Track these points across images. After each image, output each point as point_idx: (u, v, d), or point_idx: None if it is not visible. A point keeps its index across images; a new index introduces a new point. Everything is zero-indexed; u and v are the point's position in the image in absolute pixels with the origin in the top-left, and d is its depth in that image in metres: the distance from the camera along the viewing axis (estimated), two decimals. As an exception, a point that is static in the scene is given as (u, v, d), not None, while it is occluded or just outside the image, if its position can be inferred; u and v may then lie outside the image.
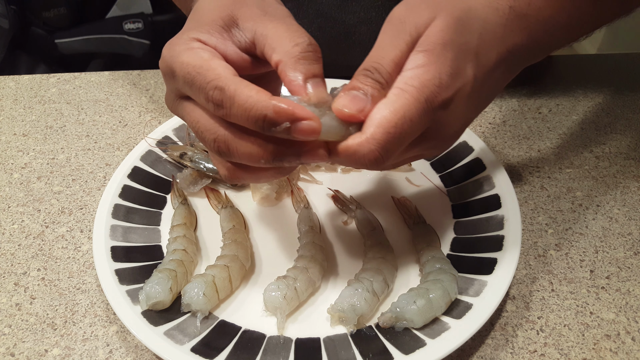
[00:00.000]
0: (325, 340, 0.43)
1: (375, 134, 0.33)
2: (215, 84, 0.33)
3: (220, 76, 0.33)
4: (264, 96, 0.32)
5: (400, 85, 0.34)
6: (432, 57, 0.34)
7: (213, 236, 0.52)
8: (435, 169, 0.58)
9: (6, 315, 0.47)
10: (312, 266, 0.46)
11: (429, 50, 0.34)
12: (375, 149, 0.33)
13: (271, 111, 0.32)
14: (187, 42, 0.36)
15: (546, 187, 0.58)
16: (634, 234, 0.53)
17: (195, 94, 0.35)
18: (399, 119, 0.33)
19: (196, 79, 0.34)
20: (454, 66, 0.34)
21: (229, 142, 0.35)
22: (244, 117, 0.33)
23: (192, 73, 0.34)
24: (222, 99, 0.33)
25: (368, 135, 0.33)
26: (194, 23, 0.38)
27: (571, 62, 0.78)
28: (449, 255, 0.49)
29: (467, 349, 0.44)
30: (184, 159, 0.57)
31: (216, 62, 0.34)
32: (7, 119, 0.69)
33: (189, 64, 0.34)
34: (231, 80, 0.33)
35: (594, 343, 0.44)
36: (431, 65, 0.34)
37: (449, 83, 0.34)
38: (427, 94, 0.33)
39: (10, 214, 0.57)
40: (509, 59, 0.38)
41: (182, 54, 0.35)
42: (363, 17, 0.65)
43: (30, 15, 1.21)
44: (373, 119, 0.33)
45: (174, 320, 0.43)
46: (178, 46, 0.36)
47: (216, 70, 0.34)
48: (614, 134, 0.65)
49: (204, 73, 0.34)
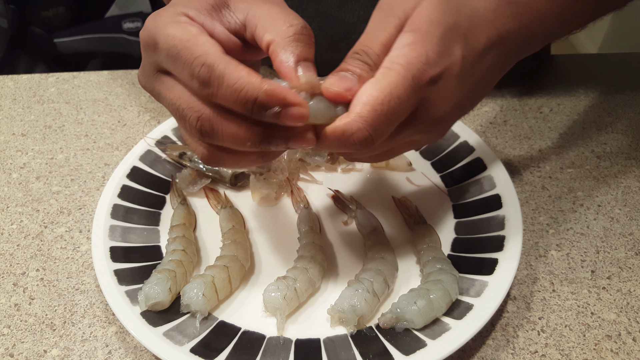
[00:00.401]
0: (325, 341, 0.43)
1: (363, 111, 0.32)
2: (202, 60, 0.32)
3: (209, 52, 0.32)
4: (255, 78, 0.31)
5: (386, 64, 0.34)
6: (418, 36, 0.34)
7: (212, 236, 0.52)
8: (435, 168, 0.58)
9: (5, 316, 0.47)
10: (312, 266, 0.46)
11: (416, 29, 0.34)
12: (363, 127, 0.32)
13: (263, 94, 0.31)
14: (174, 15, 0.34)
15: (547, 187, 0.58)
16: (635, 234, 0.53)
17: (178, 70, 0.33)
18: (385, 96, 0.32)
19: (182, 53, 0.32)
20: (441, 44, 0.34)
21: (214, 122, 0.33)
22: (233, 98, 0.31)
23: (178, 46, 0.32)
24: (209, 76, 0.31)
25: (355, 113, 0.33)
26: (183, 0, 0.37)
27: (572, 61, 0.78)
28: (450, 255, 0.49)
29: (467, 349, 0.44)
30: (183, 158, 0.57)
31: (205, 38, 0.33)
32: (5, 118, 0.69)
33: (175, 37, 0.33)
34: (221, 58, 0.32)
35: (595, 343, 0.44)
36: (418, 44, 0.33)
37: (436, 60, 0.34)
38: (413, 71, 0.33)
39: (9, 214, 0.56)
40: (501, 45, 0.38)
41: (168, 26, 0.33)
42: (363, 15, 0.65)
43: (29, 15, 1.20)
44: (360, 98, 0.33)
45: (173, 321, 0.43)
46: (164, 18, 0.34)
47: (204, 45, 0.32)
48: (615, 134, 0.64)
49: (191, 47, 0.32)
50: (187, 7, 0.35)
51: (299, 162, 0.58)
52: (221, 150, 0.35)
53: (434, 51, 0.34)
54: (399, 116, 0.34)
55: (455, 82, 0.36)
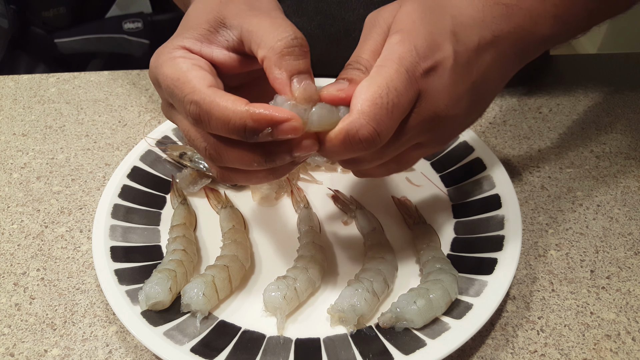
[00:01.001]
0: (325, 341, 0.43)
1: (363, 107, 0.33)
2: (190, 99, 0.33)
3: (195, 89, 0.33)
4: (240, 105, 0.32)
5: (378, 63, 0.34)
6: (405, 34, 0.35)
7: (213, 236, 0.52)
8: (435, 168, 0.58)
9: (5, 316, 0.47)
10: (312, 266, 0.46)
11: (399, 30, 0.35)
12: (366, 122, 0.33)
13: (250, 120, 0.32)
14: (171, 51, 0.36)
15: (546, 187, 0.58)
16: (634, 234, 0.53)
17: (176, 106, 0.35)
18: (383, 90, 0.33)
19: (175, 92, 0.34)
20: (429, 39, 0.35)
21: (219, 150, 0.35)
22: (225, 129, 0.33)
23: (171, 86, 0.34)
24: (199, 113, 0.33)
25: (356, 111, 0.33)
26: (182, 29, 0.38)
27: (572, 61, 0.78)
28: (449, 255, 0.49)
29: (467, 349, 0.44)
30: (184, 158, 0.57)
31: (192, 74, 0.34)
32: (6, 118, 0.69)
33: (168, 76, 0.34)
34: (205, 93, 0.33)
35: (594, 343, 0.44)
36: (405, 40, 0.34)
37: (426, 53, 0.34)
38: (406, 64, 0.34)
39: (10, 214, 0.56)
40: (497, 46, 0.38)
41: (164, 65, 0.35)
42: (363, 14, 0.65)
43: (30, 15, 1.21)
44: (358, 96, 0.33)
45: (174, 321, 0.43)
46: (163, 55, 0.36)
47: (191, 82, 0.33)
48: (614, 134, 0.65)
49: (180, 86, 0.34)
50: (185, 38, 0.36)
51: (299, 162, 0.58)
52: (233, 171, 0.37)
53: (422, 45, 0.34)
54: (400, 109, 0.34)
55: (450, 75, 0.36)
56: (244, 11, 0.36)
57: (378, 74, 0.34)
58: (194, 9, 0.39)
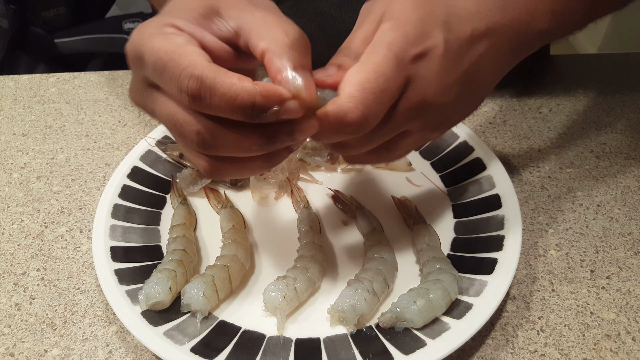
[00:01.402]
0: (325, 341, 0.43)
1: (352, 91, 0.33)
2: (190, 72, 0.30)
3: (196, 63, 0.30)
4: (247, 83, 0.30)
5: (368, 49, 0.35)
6: (396, 21, 0.35)
7: (213, 236, 0.52)
8: (435, 168, 0.58)
9: (6, 316, 0.47)
10: (312, 266, 0.46)
11: (391, 17, 0.35)
12: (354, 105, 0.33)
13: (259, 97, 0.30)
14: (161, 26, 0.33)
15: (546, 187, 0.58)
16: (634, 234, 0.53)
17: (166, 84, 0.32)
18: (371, 74, 0.33)
19: (168, 65, 0.31)
20: (419, 27, 0.35)
21: (215, 134, 0.32)
22: (229, 106, 0.30)
23: (164, 59, 0.31)
24: (199, 88, 0.30)
25: (345, 94, 0.33)
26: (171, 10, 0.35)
27: (572, 61, 0.78)
28: (449, 255, 0.49)
29: (467, 349, 0.44)
30: (184, 158, 0.57)
31: (191, 48, 0.31)
32: (6, 118, 0.69)
33: (160, 49, 0.31)
34: (209, 68, 0.30)
35: (594, 343, 0.44)
36: (396, 27, 0.35)
37: (416, 40, 0.35)
38: (395, 49, 0.34)
39: (10, 214, 0.56)
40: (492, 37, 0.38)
41: (153, 38, 0.32)
42: (363, 14, 0.65)
43: (30, 15, 1.20)
44: (347, 80, 0.33)
45: (174, 321, 0.43)
46: (150, 29, 0.33)
47: (190, 56, 0.31)
48: (614, 134, 0.65)
49: (177, 59, 0.30)
50: (175, 17, 0.34)
51: (299, 162, 0.58)
52: (224, 161, 0.34)
53: (412, 33, 0.35)
54: (388, 94, 0.34)
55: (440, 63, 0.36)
56: (245, 4, 0.35)
57: (367, 59, 0.34)
58: None
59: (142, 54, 0.32)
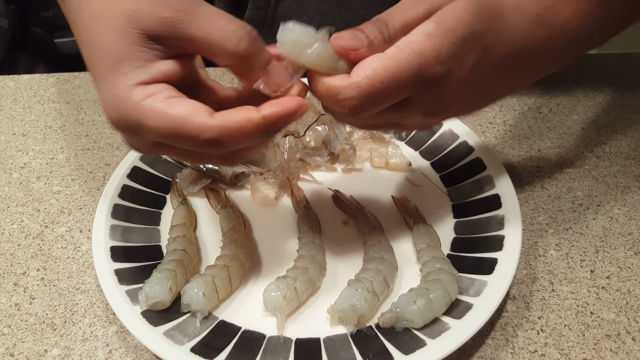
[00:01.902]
0: (325, 341, 0.43)
1: (361, 82, 0.33)
2: (205, 138, 0.32)
3: (203, 127, 0.32)
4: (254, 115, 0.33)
5: (400, 45, 0.34)
6: (440, 29, 0.34)
7: (213, 236, 0.52)
8: (435, 168, 0.58)
9: (6, 315, 0.47)
10: (312, 266, 0.46)
11: (440, 22, 0.34)
12: (356, 95, 0.33)
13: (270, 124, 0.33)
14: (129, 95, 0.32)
15: (546, 187, 0.58)
16: (634, 234, 0.53)
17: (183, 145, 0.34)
18: (387, 75, 0.33)
19: (180, 139, 0.33)
20: (457, 47, 0.34)
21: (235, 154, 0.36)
22: (248, 141, 0.34)
23: (171, 135, 0.33)
24: (219, 144, 0.33)
25: (354, 80, 0.33)
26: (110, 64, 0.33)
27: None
28: (449, 255, 0.49)
29: (467, 349, 0.44)
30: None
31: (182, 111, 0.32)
32: (6, 118, 0.69)
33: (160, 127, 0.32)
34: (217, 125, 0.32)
35: (594, 343, 0.44)
36: (436, 36, 0.33)
37: (446, 59, 0.34)
38: (422, 61, 0.33)
39: (10, 214, 0.56)
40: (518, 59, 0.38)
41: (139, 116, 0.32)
42: (363, 13, 0.65)
43: (30, 15, 1.20)
44: (363, 67, 0.33)
45: (174, 321, 0.43)
46: (125, 104, 0.33)
47: (193, 122, 0.32)
48: (614, 134, 0.65)
49: (184, 131, 0.32)
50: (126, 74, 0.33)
51: (299, 162, 0.58)
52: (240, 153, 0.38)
53: (447, 49, 0.34)
54: (392, 99, 0.35)
55: (456, 85, 0.36)
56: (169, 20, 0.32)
57: (393, 56, 0.33)
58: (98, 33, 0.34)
59: (138, 128, 0.33)
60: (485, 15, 0.35)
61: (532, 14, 0.37)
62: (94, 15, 0.34)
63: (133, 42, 0.33)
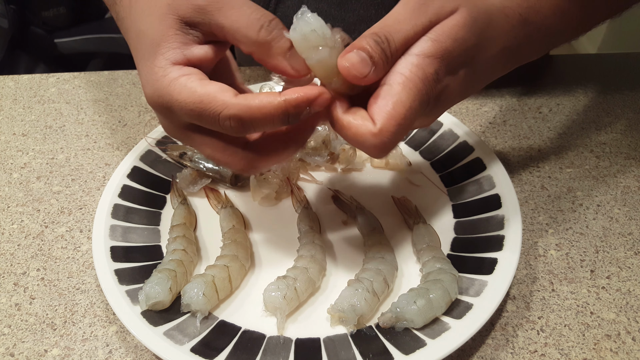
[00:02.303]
0: (325, 341, 0.43)
1: (389, 126, 0.34)
2: (227, 114, 0.34)
3: (227, 104, 0.34)
4: (275, 99, 0.34)
5: (405, 73, 0.34)
6: (439, 51, 0.35)
7: (213, 236, 0.52)
8: (435, 168, 0.58)
9: (6, 315, 0.47)
10: (312, 266, 0.46)
11: (439, 41, 0.35)
12: (387, 140, 0.34)
13: (291, 108, 0.34)
14: (165, 73, 0.36)
15: (546, 187, 0.58)
16: (634, 234, 0.53)
17: (206, 125, 0.36)
18: (407, 111, 0.34)
19: (204, 114, 0.34)
20: (453, 64, 0.36)
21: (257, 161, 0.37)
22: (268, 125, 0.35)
23: (196, 110, 0.35)
24: (239, 124, 0.34)
25: (381, 127, 0.34)
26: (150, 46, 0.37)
27: (571, 61, 0.78)
28: (449, 255, 0.49)
29: (467, 349, 0.44)
30: (184, 158, 0.57)
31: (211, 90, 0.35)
32: (6, 118, 0.69)
33: (187, 102, 0.35)
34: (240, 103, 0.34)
35: (594, 343, 0.44)
36: (436, 59, 0.35)
37: (442, 79, 0.36)
38: (427, 87, 0.35)
39: (10, 214, 0.56)
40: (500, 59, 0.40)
41: (171, 91, 0.35)
42: (363, 14, 0.65)
43: (30, 15, 1.21)
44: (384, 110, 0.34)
45: (174, 321, 0.43)
46: (160, 81, 0.36)
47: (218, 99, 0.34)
48: (614, 134, 0.65)
49: (209, 106, 0.34)
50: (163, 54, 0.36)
51: (299, 162, 0.58)
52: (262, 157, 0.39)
53: (444, 71, 0.35)
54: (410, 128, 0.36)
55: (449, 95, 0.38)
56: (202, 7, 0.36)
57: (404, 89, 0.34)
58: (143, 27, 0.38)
59: (169, 107, 0.36)
60: (478, 29, 0.36)
61: (515, 15, 0.39)
62: (141, 9, 0.38)
63: (171, 27, 0.36)
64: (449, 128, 0.60)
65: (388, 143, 0.34)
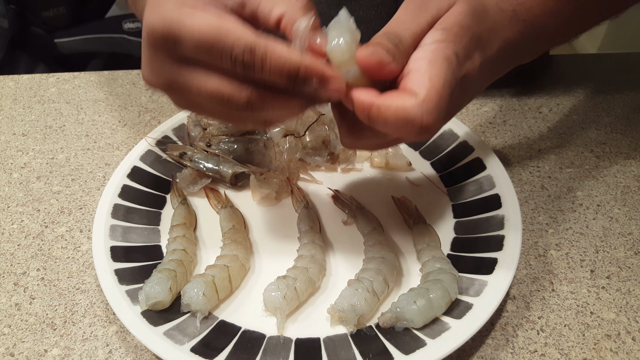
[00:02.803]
0: (325, 341, 0.43)
1: (432, 94, 0.32)
2: (243, 43, 0.32)
3: (245, 35, 0.32)
4: (295, 52, 0.33)
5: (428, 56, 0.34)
6: (450, 36, 0.35)
7: (213, 236, 0.52)
8: (435, 168, 0.58)
9: (6, 315, 0.47)
10: (312, 266, 0.46)
11: (447, 28, 0.35)
12: (434, 111, 0.32)
13: (303, 67, 0.33)
14: (180, 5, 0.34)
15: (546, 187, 0.58)
16: (634, 234, 0.53)
17: (215, 58, 0.33)
18: (444, 81, 0.33)
19: (217, 44, 0.32)
20: (467, 49, 0.36)
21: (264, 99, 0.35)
22: (277, 72, 0.33)
23: (211, 35, 0.32)
24: (253, 57, 0.32)
25: (425, 95, 0.32)
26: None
27: (572, 61, 0.78)
28: (449, 255, 0.49)
29: (467, 349, 0.44)
30: (184, 158, 0.57)
31: (233, 20, 0.33)
32: (6, 118, 0.69)
33: (202, 29, 0.32)
34: (259, 38, 0.32)
35: (594, 343, 0.44)
36: (450, 42, 0.35)
37: (463, 63, 0.35)
38: (453, 66, 0.34)
39: (10, 214, 0.56)
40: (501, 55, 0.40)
41: (186, 19, 0.33)
42: (362, 15, 0.65)
43: (30, 15, 1.20)
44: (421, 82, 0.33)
45: (174, 321, 0.43)
46: (175, 10, 0.33)
47: (237, 31, 0.33)
48: (614, 134, 0.65)
49: (226, 33, 0.32)
50: None
51: (299, 162, 0.58)
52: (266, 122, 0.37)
53: (462, 54, 0.35)
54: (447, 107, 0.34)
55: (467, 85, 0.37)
56: None
57: (435, 62, 0.33)
58: None
59: (178, 35, 0.33)
60: (478, 16, 0.37)
61: (508, 10, 0.39)
62: None
63: None
64: (449, 128, 0.60)
65: (435, 114, 0.32)
